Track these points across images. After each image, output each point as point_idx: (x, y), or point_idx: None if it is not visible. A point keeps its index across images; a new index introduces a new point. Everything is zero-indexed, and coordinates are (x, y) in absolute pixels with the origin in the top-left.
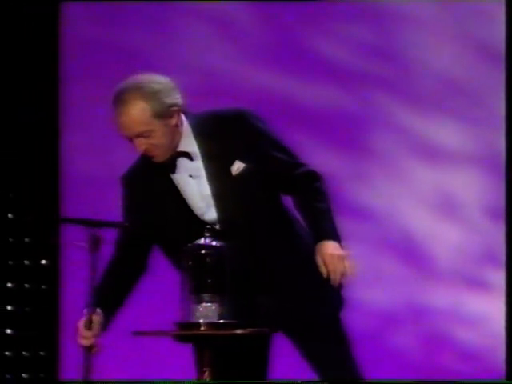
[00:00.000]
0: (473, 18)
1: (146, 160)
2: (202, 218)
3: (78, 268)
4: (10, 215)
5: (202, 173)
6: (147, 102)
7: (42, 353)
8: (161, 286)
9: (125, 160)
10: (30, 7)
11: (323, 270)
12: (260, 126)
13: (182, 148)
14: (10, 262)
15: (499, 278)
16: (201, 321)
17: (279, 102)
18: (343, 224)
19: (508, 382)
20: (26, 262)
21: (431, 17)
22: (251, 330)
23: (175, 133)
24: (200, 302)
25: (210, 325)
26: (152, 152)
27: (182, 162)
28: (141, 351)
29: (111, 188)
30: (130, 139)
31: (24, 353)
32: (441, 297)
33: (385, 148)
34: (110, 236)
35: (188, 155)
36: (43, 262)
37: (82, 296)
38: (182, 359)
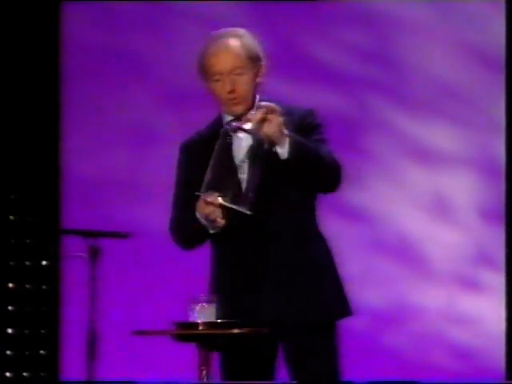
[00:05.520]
0: (471, 20)
1: (209, 127)
2: (239, 174)
3: (79, 268)
4: (11, 217)
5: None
6: (244, 43)
7: (42, 352)
8: (159, 287)
9: (124, 162)
10: (31, 7)
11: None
12: (317, 123)
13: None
14: (11, 263)
15: (493, 278)
16: (199, 320)
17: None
18: (339, 225)
19: (508, 382)
20: (27, 262)
21: (429, 20)
22: (248, 329)
23: (256, 90)
24: (198, 301)
25: (208, 324)
26: (236, 96)
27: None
28: (140, 351)
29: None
30: (219, 78)
31: (25, 352)
32: (435, 297)
33: (381, 151)
34: (109, 245)
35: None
36: (44, 262)
37: (82, 296)
38: (181, 359)
